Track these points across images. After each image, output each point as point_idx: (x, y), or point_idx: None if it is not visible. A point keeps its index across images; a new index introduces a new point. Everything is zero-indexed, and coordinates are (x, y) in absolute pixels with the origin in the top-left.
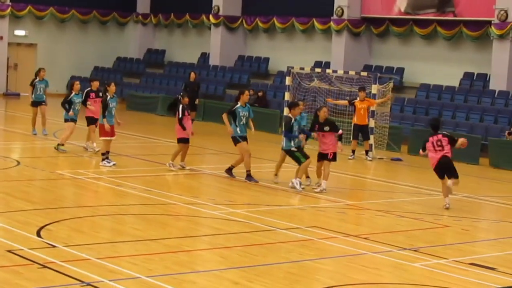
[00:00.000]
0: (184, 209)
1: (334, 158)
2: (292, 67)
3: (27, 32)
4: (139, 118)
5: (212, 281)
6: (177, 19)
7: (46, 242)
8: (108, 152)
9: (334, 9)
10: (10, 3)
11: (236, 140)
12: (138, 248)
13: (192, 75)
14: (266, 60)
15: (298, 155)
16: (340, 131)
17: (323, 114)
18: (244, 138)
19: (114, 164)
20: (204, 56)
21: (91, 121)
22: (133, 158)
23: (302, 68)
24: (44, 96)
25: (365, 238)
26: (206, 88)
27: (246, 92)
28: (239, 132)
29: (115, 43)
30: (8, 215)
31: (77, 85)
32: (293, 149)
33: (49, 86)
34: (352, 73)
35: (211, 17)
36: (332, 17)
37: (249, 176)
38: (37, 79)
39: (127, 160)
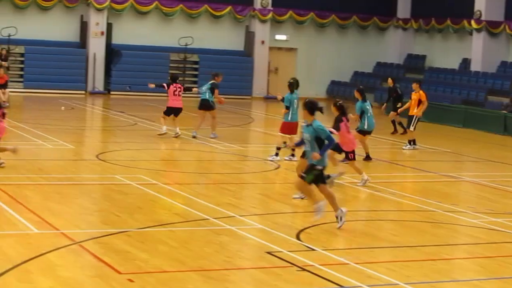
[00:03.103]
0: (443, 216)
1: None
2: None
3: (288, 37)
4: None
5: None
6: (437, 23)
7: (305, 245)
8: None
9: None
10: (272, 8)
11: None
12: (396, 254)
13: (389, 80)
14: None
15: None
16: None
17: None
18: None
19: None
20: (465, 62)
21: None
22: (391, 163)
23: None
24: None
25: None
26: (467, 95)
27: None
28: None
29: (374, 48)
30: (268, 217)
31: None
32: None
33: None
34: None
35: (472, 22)
36: None
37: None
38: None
39: (385, 165)
